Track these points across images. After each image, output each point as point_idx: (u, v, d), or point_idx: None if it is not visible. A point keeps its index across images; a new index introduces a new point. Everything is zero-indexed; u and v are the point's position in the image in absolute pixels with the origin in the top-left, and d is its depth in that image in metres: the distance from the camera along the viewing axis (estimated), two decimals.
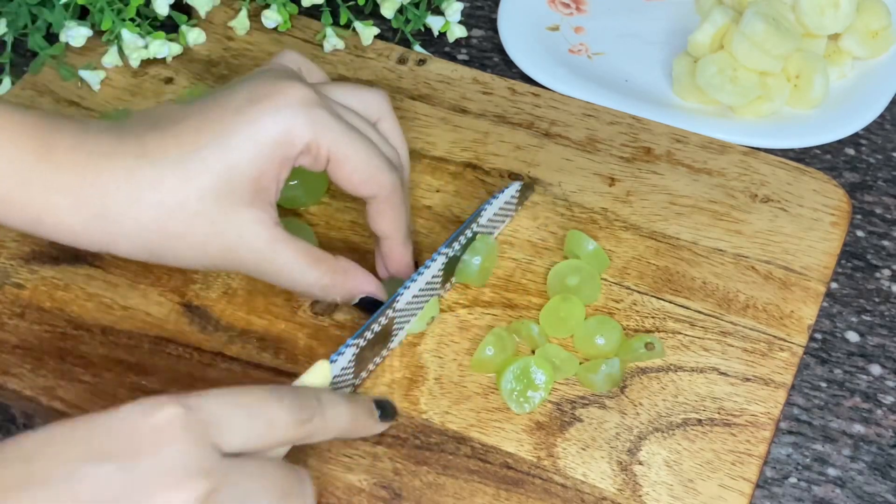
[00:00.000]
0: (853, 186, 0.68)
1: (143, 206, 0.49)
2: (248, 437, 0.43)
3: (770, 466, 0.56)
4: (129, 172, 0.49)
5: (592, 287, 0.59)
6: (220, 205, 0.50)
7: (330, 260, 0.54)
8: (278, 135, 0.50)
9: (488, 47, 0.76)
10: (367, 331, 0.54)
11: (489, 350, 0.57)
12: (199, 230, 0.50)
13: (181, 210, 0.50)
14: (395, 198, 0.55)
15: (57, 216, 0.49)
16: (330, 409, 0.47)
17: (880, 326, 0.61)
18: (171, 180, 0.49)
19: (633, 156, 0.66)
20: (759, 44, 0.68)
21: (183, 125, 0.50)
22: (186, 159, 0.50)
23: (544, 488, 0.53)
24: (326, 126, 0.52)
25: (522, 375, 0.55)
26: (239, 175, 0.50)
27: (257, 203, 0.51)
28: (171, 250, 0.51)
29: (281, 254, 0.52)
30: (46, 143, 0.49)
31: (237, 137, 0.50)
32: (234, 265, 0.52)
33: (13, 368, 0.58)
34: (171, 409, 0.42)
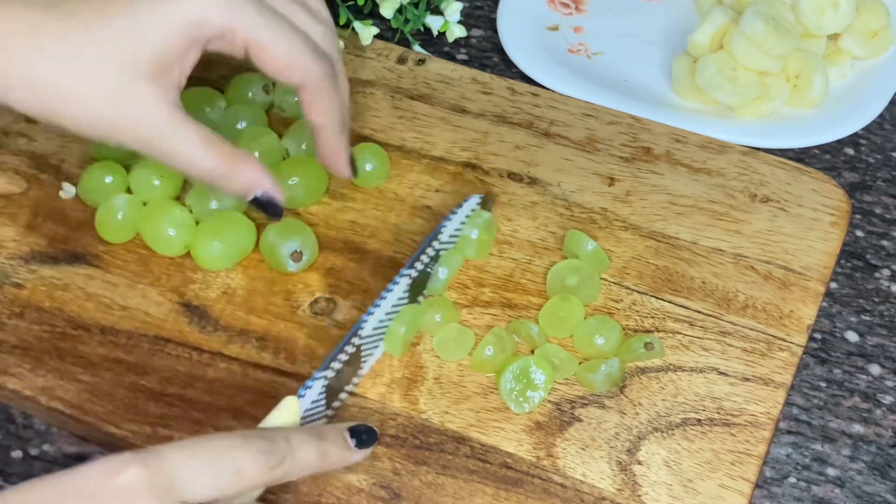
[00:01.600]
0: (853, 186, 0.68)
1: (44, 56, 0.49)
2: (215, 487, 0.43)
3: (769, 466, 0.56)
4: (34, 23, 0.49)
5: (592, 287, 0.59)
6: (122, 74, 0.50)
7: (227, 147, 0.53)
8: (192, 15, 0.50)
9: (488, 47, 0.76)
10: (334, 361, 0.53)
11: (489, 350, 0.57)
12: (97, 94, 0.50)
13: (82, 70, 0.49)
14: (325, 84, 0.54)
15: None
16: (299, 448, 0.46)
17: (880, 326, 0.61)
18: (77, 39, 0.49)
19: (632, 156, 0.66)
20: (758, 44, 0.68)
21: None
22: (96, 24, 0.49)
23: (543, 488, 0.53)
24: (244, 11, 0.51)
25: (522, 375, 0.55)
26: (143, 48, 0.50)
27: (160, 80, 0.50)
28: (67, 109, 0.50)
29: (179, 134, 0.51)
30: None
31: (150, 12, 0.50)
32: (129, 138, 0.51)
33: (12, 368, 0.58)
34: (134, 470, 0.41)
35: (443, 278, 0.59)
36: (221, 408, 0.56)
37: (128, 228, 0.62)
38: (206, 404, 0.56)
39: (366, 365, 0.57)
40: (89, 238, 0.63)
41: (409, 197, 0.64)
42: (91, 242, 0.63)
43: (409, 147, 0.67)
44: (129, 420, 0.55)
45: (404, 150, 0.67)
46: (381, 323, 0.56)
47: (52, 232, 0.63)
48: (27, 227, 0.63)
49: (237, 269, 0.61)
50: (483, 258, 0.61)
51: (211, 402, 0.56)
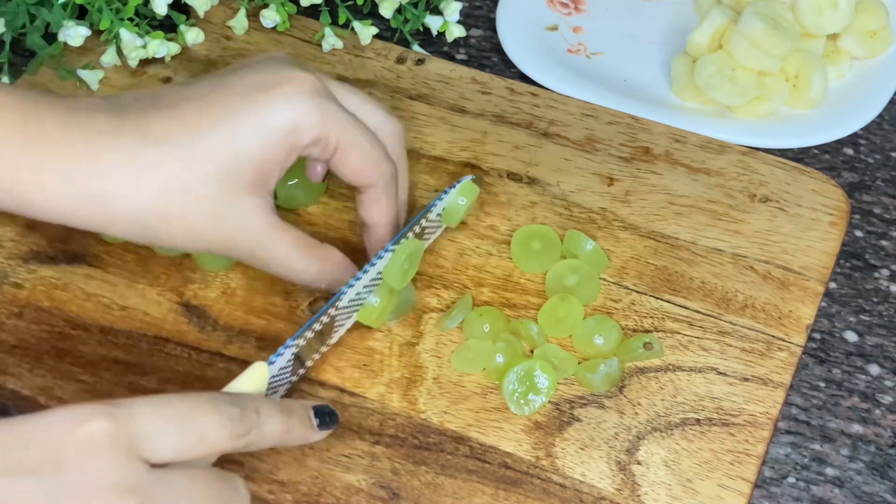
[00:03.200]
0: (852, 186, 0.68)
1: (144, 188, 0.48)
2: (178, 449, 0.42)
3: (768, 466, 0.56)
4: (130, 153, 0.48)
5: (591, 287, 0.59)
6: (223, 190, 0.50)
7: (321, 248, 0.54)
8: (288, 124, 0.50)
9: (487, 47, 0.76)
10: (308, 330, 0.53)
11: (499, 358, 0.56)
12: (198, 214, 0.50)
13: (184, 194, 0.49)
14: (392, 187, 0.56)
15: (47, 196, 0.48)
16: (267, 421, 0.45)
17: (879, 326, 0.61)
18: (176, 163, 0.49)
19: (631, 155, 0.66)
20: (757, 44, 0.68)
21: (187, 107, 0.50)
22: (191, 142, 0.49)
23: (543, 488, 0.53)
24: (335, 116, 0.52)
25: (526, 378, 0.55)
26: (245, 162, 0.50)
27: (258, 190, 0.51)
28: (167, 233, 0.50)
29: (277, 241, 0.52)
30: (35, 121, 0.48)
31: (246, 124, 0.50)
32: (229, 250, 0.52)
33: (11, 368, 0.58)
34: (99, 423, 0.40)
35: None
36: None
37: None
38: None
39: (335, 335, 0.57)
40: (88, 238, 0.63)
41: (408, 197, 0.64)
42: (90, 242, 0.63)
43: (409, 147, 0.67)
44: None
45: None
46: (359, 296, 0.56)
47: (51, 232, 0.63)
48: (26, 227, 0.63)
49: (236, 269, 0.61)
50: (455, 224, 0.60)
51: None
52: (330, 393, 0.56)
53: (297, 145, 0.51)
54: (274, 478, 0.54)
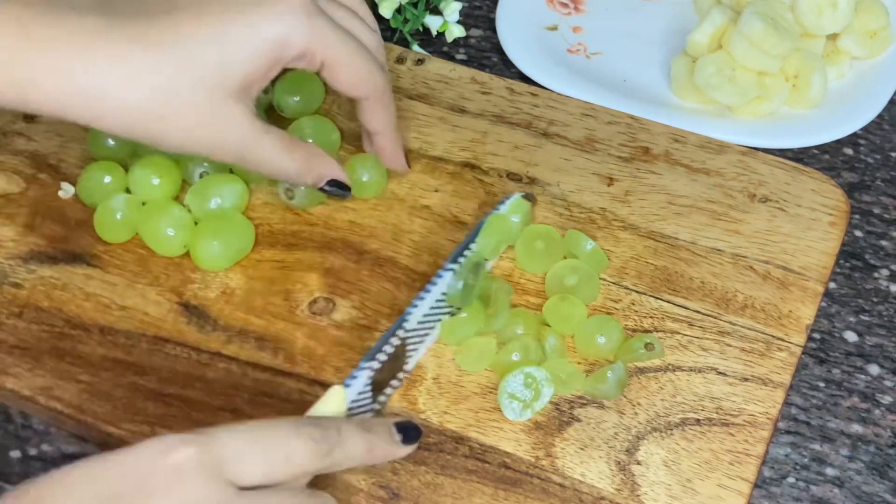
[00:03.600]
0: (851, 186, 0.68)
1: (136, 87, 0.51)
2: (265, 472, 0.43)
3: (768, 466, 0.56)
4: (122, 54, 0.50)
5: (591, 287, 0.59)
6: (211, 96, 0.52)
7: (302, 145, 0.57)
8: (277, 38, 0.53)
9: (487, 47, 0.76)
10: (380, 352, 0.54)
11: (516, 356, 0.56)
12: (187, 116, 0.52)
13: (174, 96, 0.51)
14: (386, 97, 0.59)
15: (42, 91, 0.50)
16: (350, 439, 0.47)
17: (878, 326, 0.61)
18: (168, 67, 0.51)
19: (631, 155, 0.66)
20: (757, 43, 0.68)
21: (180, 15, 0.52)
22: (184, 49, 0.51)
23: (542, 488, 0.53)
24: (324, 33, 0.54)
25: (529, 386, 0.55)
26: (233, 71, 0.52)
27: (243, 97, 0.53)
28: (157, 132, 0.52)
29: (264, 144, 0.55)
30: (27, 22, 0.50)
31: (237, 36, 0.52)
32: (216, 150, 0.54)
33: (11, 368, 0.58)
34: (186, 449, 0.42)
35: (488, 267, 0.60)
36: (220, 408, 0.56)
37: (127, 228, 0.62)
38: (205, 404, 0.56)
39: (411, 360, 0.56)
40: (88, 238, 0.63)
41: (407, 197, 0.64)
42: (90, 242, 0.63)
43: (408, 147, 0.67)
44: (128, 420, 0.55)
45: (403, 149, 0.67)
46: (426, 318, 0.56)
47: (50, 232, 0.63)
48: (26, 227, 0.63)
49: (236, 269, 0.61)
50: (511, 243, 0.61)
51: (210, 401, 0.56)
52: None
53: (282, 58, 0.54)
54: None
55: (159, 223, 0.61)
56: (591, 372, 0.57)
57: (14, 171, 0.66)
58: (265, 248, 0.62)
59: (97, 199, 0.63)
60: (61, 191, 0.65)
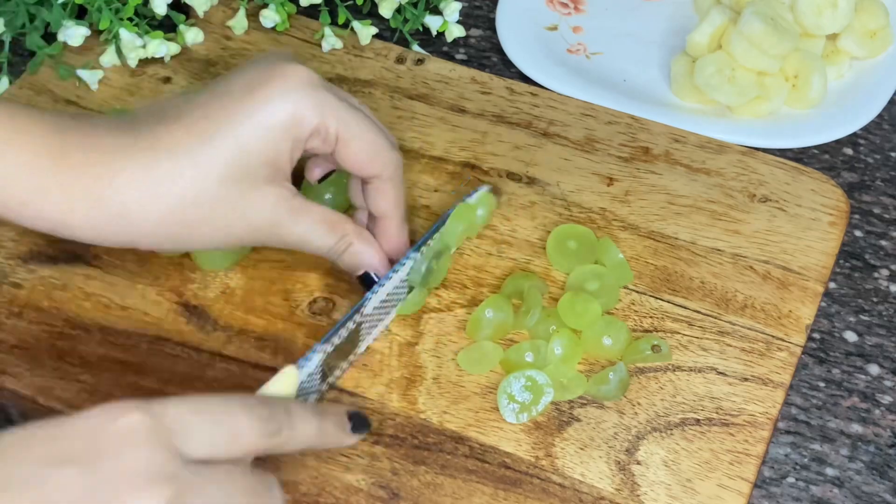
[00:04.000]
0: (851, 186, 0.68)
1: (162, 199, 0.50)
2: (212, 445, 0.43)
3: (768, 466, 0.56)
4: (145, 168, 0.50)
5: (610, 296, 0.59)
6: (239, 188, 0.51)
7: (347, 224, 0.56)
8: (287, 117, 0.52)
9: (486, 47, 0.76)
10: (335, 336, 0.53)
11: (529, 356, 0.56)
12: (221, 215, 0.51)
13: (201, 199, 0.51)
14: (398, 177, 0.57)
15: (77, 219, 0.50)
16: (299, 421, 0.46)
17: (878, 326, 0.61)
18: (189, 171, 0.50)
19: (631, 155, 0.66)
20: (757, 43, 0.68)
21: (191, 115, 0.51)
22: (200, 148, 0.51)
23: (542, 488, 0.53)
24: (333, 107, 0.53)
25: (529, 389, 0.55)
26: (253, 158, 0.51)
27: (275, 180, 0.52)
28: (196, 237, 0.52)
29: (302, 222, 0.54)
30: (60, 145, 0.50)
31: (247, 122, 0.51)
32: (258, 240, 0.54)
33: (11, 368, 0.58)
34: (136, 416, 0.41)
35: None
36: None
37: None
38: None
39: (363, 343, 0.57)
40: None
41: (407, 196, 0.64)
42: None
43: (408, 147, 0.67)
44: None
45: (403, 149, 0.67)
46: (382, 303, 0.57)
47: None
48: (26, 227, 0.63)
49: (236, 269, 0.61)
50: (474, 235, 0.62)
51: None
52: (329, 393, 0.56)
53: (300, 137, 0.53)
54: None
55: None
56: (592, 372, 0.57)
57: None
58: (265, 248, 0.62)
59: None
60: None
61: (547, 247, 0.61)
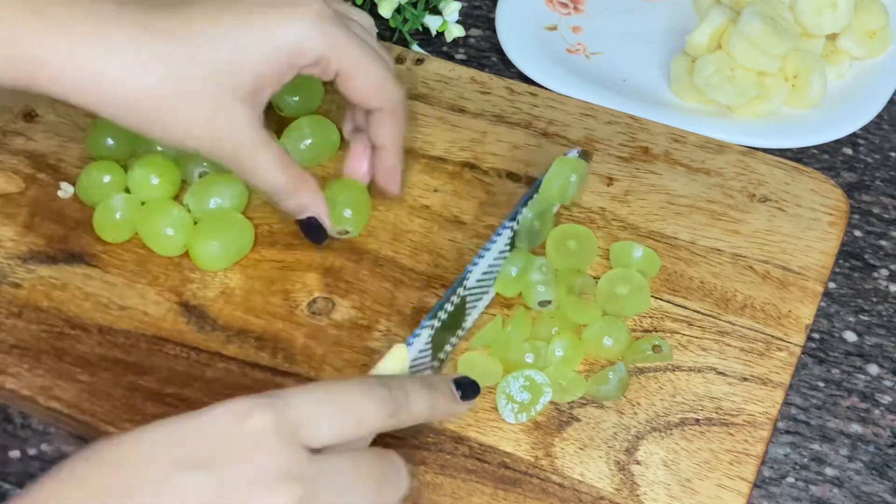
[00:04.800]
0: (851, 186, 0.68)
1: (144, 74, 0.51)
2: (338, 433, 0.43)
3: (768, 466, 0.56)
4: (134, 42, 0.50)
5: (642, 297, 0.58)
6: (219, 93, 0.52)
7: (297, 170, 0.57)
8: (291, 43, 0.53)
9: (486, 47, 0.76)
10: (441, 311, 0.54)
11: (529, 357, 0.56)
12: (193, 109, 0.52)
13: (183, 88, 0.51)
14: (401, 109, 0.58)
15: (51, 72, 0.50)
16: (414, 398, 0.47)
17: (878, 326, 0.61)
18: (178, 58, 0.51)
19: (631, 155, 0.66)
20: (756, 43, 0.68)
21: (194, 10, 0.52)
22: (196, 43, 0.51)
23: (542, 488, 0.53)
24: (340, 42, 0.54)
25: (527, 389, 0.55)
26: (244, 71, 0.52)
27: (252, 100, 0.53)
28: (158, 122, 0.52)
29: (261, 152, 0.54)
30: (41, 3, 0.50)
31: (251, 37, 0.52)
32: (214, 150, 0.54)
33: (10, 368, 0.58)
34: (263, 415, 0.42)
35: None
36: None
37: (126, 228, 0.62)
38: (205, 404, 0.55)
39: (469, 318, 0.57)
40: (87, 238, 0.63)
41: (407, 196, 0.64)
42: (89, 242, 0.63)
43: (408, 147, 0.67)
44: (128, 420, 0.55)
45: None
46: (485, 275, 0.57)
47: (50, 231, 0.63)
48: (25, 227, 0.63)
49: (235, 268, 0.61)
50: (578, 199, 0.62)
51: (209, 401, 0.55)
52: None
53: (296, 64, 0.53)
54: None
55: (159, 223, 0.61)
56: (592, 372, 0.57)
57: (13, 170, 0.66)
58: (265, 247, 0.62)
59: (96, 198, 0.63)
60: (60, 190, 0.65)
61: (546, 246, 0.61)
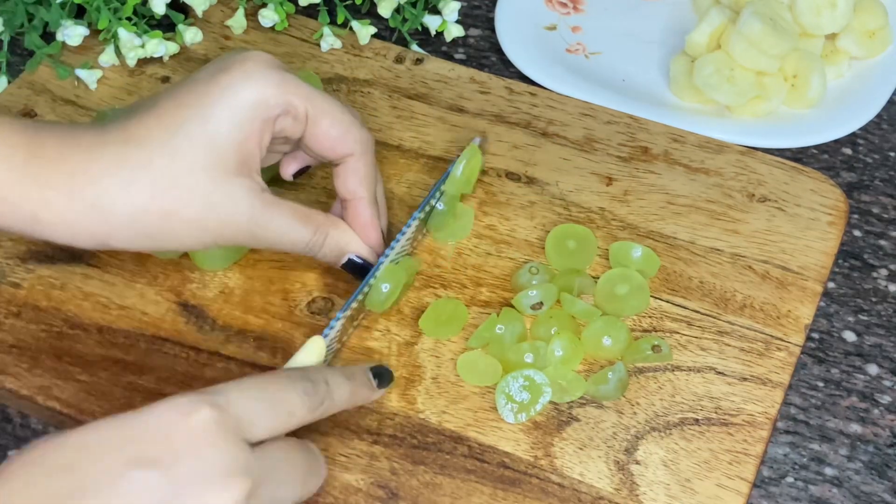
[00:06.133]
0: (850, 186, 0.68)
1: (136, 188, 0.50)
2: (273, 427, 0.45)
3: (767, 466, 0.56)
4: (118, 158, 0.50)
5: (642, 297, 0.59)
6: (210, 177, 0.51)
7: (317, 216, 0.55)
8: (252, 98, 0.52)
9: (485, 47, 0.76)
10: (354, 301, 0.56)
11: (528, 357, 0.56)
12: (193, 205, 0.51)
13: (174, 187, 0.51)
14: (369, 155, 0.56)
15: (53, 211, 0.50)
16: (335, 388, 0.48)
17: (877, 326, 0.61)
18: (161, 159, 0.50)
19: (630, 155, 0.66)
20: (756, 43, 0.68)
21: (161, 107, 0.52)
22: (171, 137, 0.51)
23: (541, 488, 0.53)
24: (297, 85, 0.53)
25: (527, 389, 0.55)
26: (223, 144, 0.51)
27: (244, 171, 0.52)
28: (169, 231, 0.52)
29: (275, 218, 0.53)
30: (35, 142, 0.50)
31: (215, 107, 0.51)
32: (231, 236, 0.53)
33: (9, 368, 0.57)
34: (206, 411, 0.42)
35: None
36: None
37: None
38: None
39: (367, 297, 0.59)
40: None
41: (406, 196, 0.64)
42: None
43: (407, 146, 0.67)
44: None
45: (402, 149, 0.67)
46: (393, 260, 0.58)
47: None
48: None
49: (235, 268, 0.61)
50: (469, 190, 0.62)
51: None
52: None
53: (269, 118, 0.53)
54: None
55: None
56: (592, 372, 0.57)
57: None
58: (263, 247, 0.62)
59: None
60: None
61: (546, 246, 0.61)
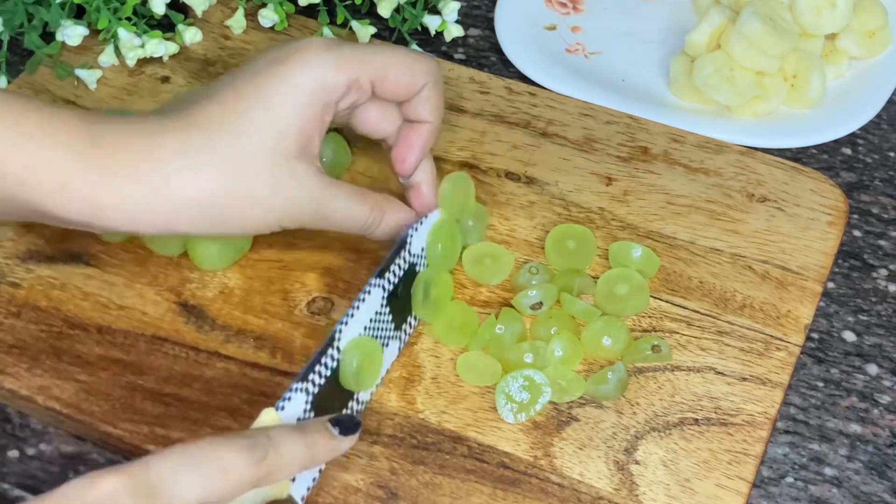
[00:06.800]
0: (850, 186, 0.68)
1: (202, 172, 0.51)
2: (203, 486, 0.43)
3: (767, 466, 0.56)
4: (182, 143, 0.50)
5: (641, 297, 0.59)
6: (274, 160, 0.52)
7: (374, 195, 0.56)
8: (314, 83, 0.52)
9: (485, 47, 0.76)
10: (312, 373, 0.50)
11: (528, 357, 0.56)
12: (260, 188, 0.52)
13: (240, 170, 0.51)
14: (440, 84, 0.57)
15: (117, 196, 0.50)
16: (283, 442, 0.46)
17: (877, 326, 0.61)
18: (225, 144, 0.51)
19: (630, 155, 0.66)
20: (755, 43, 0.68)
21: (221, 95, 0.52)
22: (234, 122, 0.51)
23: (541, 488, 0.53)
24: (353, 58, 0.53)
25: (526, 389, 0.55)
26: (286, 128, 0.52)
27: (305, 155, 0.53)
28: (235, 215, 0.52)
29: (336, 197, 0.54)
30: (96, 128, 0.50)
31: (277, 95, 0.52)
32: (296, 217, 0.54)
33: (9, 368, 0.57)
34: (114, 479, 0.41)
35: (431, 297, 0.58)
36: (218, 407, 0.56)
37: None
38: (203, 404, 0.56)
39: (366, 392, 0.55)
40: (87, 237, 0.63)
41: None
42: (88, 242, 0.62)
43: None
44: (126, 419, 0.55)
45: None
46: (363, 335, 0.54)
47: (49, 231, 0.63)
48: (24, 226, 0.63)
49: (234, 268, 0.61)
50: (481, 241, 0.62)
51: (208, 401, 0.56)
52: None
53: (331, 101, 0.53)
54: None
55: None
56: (591, 372, 0.57)
57: None
58: (264, 247, 0.62)
59: None
60: None
61: (545, 247, 0.61)
